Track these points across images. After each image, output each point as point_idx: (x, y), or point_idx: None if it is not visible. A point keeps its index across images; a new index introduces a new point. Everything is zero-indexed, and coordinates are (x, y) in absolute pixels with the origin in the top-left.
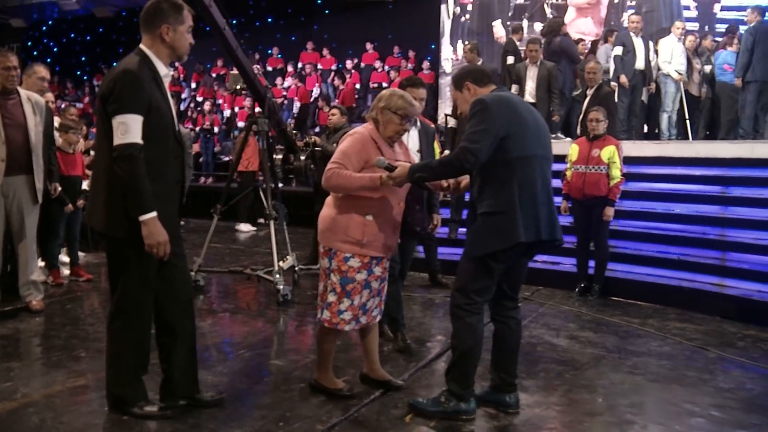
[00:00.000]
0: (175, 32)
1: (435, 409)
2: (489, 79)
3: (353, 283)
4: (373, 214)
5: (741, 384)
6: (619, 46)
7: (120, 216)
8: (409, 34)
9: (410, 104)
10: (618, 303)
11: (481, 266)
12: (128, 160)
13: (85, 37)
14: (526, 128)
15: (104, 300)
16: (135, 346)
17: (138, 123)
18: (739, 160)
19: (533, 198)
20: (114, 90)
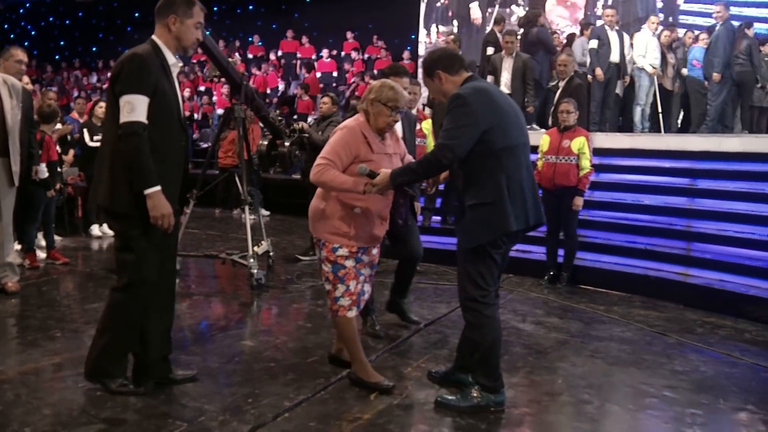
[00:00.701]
0: (182, 24)
1: (468, 404)
2: (460, 65)
3: (345, 269)
4: (361, 207)
5: (695, 367)
6: (594, 40)
7: (123, 193)
8: (390, 23)
9: (401, 95)
10: (586, 291)
11: (483, 255)
12: (133, 137)
13: (64, 21)
14: (507, 118)
15: (80, 283)
16: (129, 323)
17: (143, 104)
18: (707, 153)
19: (520, 186)
20: (122, 72)
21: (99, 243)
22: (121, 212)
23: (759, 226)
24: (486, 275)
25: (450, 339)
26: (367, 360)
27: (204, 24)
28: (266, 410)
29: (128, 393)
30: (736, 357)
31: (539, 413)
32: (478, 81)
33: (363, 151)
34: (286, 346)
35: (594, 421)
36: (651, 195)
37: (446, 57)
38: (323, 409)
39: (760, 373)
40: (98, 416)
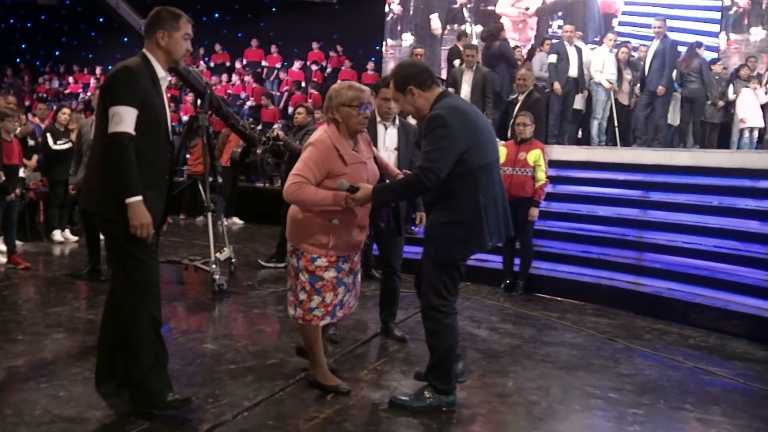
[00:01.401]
0: (170, 38)
1: (420, 404)
2: (432, 80)
3: (322, 281)
4: (339, 218)
5: (640, 370)
6: (553, 54)
7: (113, 198)
8: (355, 34)
9: (361, 91)
10: (541, 299)
11: (451, 268)
12: (118, 147)
13: (26, 24)
14: (482, 137)
15: (41, 287)
16: (150, 331)
17: (131, 115)
18: (659, 166)
19: (494, 203)
20: (111, 83)
21: (61, 248)
22: (112, 218)
23: (706, 237)
24: (450, 286)
25: (407, 345)
26: (326, 365)
27: (192, 34)
28: (226, 409)
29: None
30: (679, 361)
31: (489, 413)
32: (452, 98)
33: (337, 165)
34: (246, 349)
35: (540, 420)
36: (605, 206)
37: (418, 72)
38: (281, 408)
39: (699, 375)
40: (61, 416)
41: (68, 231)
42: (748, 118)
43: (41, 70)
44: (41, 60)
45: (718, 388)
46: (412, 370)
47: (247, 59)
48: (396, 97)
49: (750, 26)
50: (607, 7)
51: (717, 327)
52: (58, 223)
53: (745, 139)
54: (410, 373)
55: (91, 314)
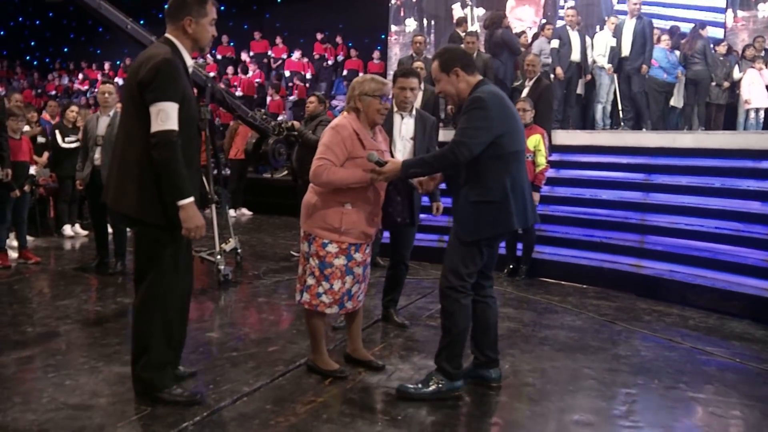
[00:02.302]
0: (197, 24)
1: (429, 390)
2: (475, 68)
3: (331, 268)
4: (352, 203)
5: (637, 351)
6: (555, 39)
7: (155, 202)
8: (360, 23)
9: (383, 83)
10: (543, 283)
11: (475, 250)
12: (168, 146)
13: (35, 22)
14: (516, 125)
15: (52, 281)
16: (164, 331)
17: (175, 111)
18: (662, 149)
19: (522, 188)
20: (155, 78)
21: (71, 243)
22: (152, 222)
23: (708, 218)
24: (471, 267)
25: (406, 331)
26: (326, 351)
27: (216, 18)
28: (226, 395)
29: (182, 402)
30: (677, 342)
31: (483, 395)
32: (492, 86)
33: (356, 149)
34: (248, 337)
35: (533, 401)
36: (608, 190)
37: (465, 57)
38: (280, 393)
39: (696, 355)
40: (66, 403)
41: (78, 226)
42: (753, 99)
43: (50, 67)
44: (50, 57)
45: (713, 367)
46: (410, 354)
47: (253, 51)
48: (438, 78)
49: (758, 2)
50: None
51: (717, 308)
52: (67, 219)
53: (751, 119)
54: (408, 358)
55: (98, 306)
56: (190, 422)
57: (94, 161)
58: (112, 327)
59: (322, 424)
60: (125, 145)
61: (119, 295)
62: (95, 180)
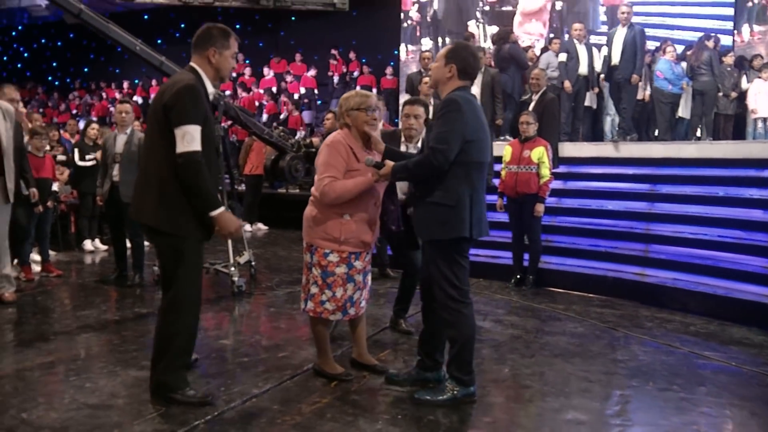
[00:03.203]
0: (220, 56)
1: (445, 398)
2: (470, 76)
3: (333, 276)
4: (350, 214)
5: (635, 356)
6: (563, 53)
7: (173, 213)
8: (373, 40)
9: (367, 96)
10: (549, 292)
11: (454, 255)
12: (193, 166)
13: (56, 43)
14: (485, 136)
15: (73, 293)
16: (186, 336)
17: (198, 132)
18: (667, 159)
19: (480, 199)
20: (179, 102)
21: (91, 257)
22: (168, 232)
23: (711, 227)
24: (460, 275)
25: (411, 337)
26: (331, 355)
27: (238, 52)
28: (236, 396)
29: (195, 403)
30: (675, 347)
31: (482, 397)
32: (470, 93)
33: (352, 162)
34: (259, 344)
35: (529, 402)
36: (614, 201)
37: (470, 63)
38: (287, 395)
39: (692, 359)
40: (86, 403)
41: (98, 240)
42: (759, 109)
43: (71, 87)
44: (71, 77)
45: (709, 370)
46: (413, 360)
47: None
48: (439, 59)
49: None
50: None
51: (718, 314)
52: (88, 233)
53: (758, 129)
54: (412, 363)
55: (116, 316)
56: (201, 421)
57: (112, 178)
58: (130, 335)
59: (325, 422)
60: (147, 161)
61: (137, 306)
62: (114, 196)
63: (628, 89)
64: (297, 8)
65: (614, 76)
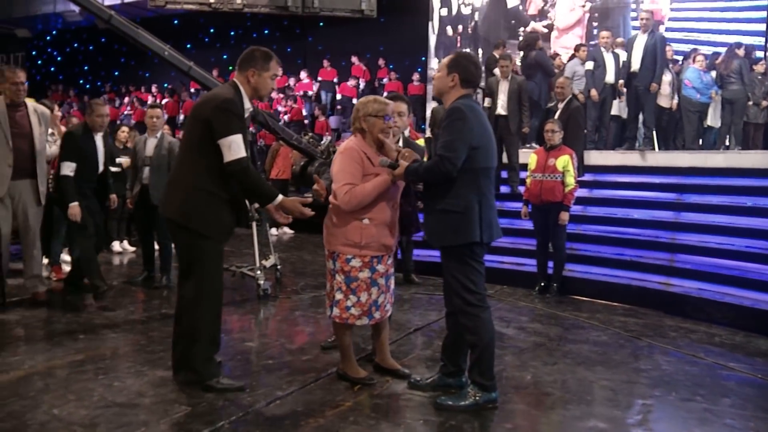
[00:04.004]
0: (260, 77)
1: (467, 403)
2: (472, 85)
3: (357, 282)
4: (369, 218)
5: (658, 365)
6: (590, 61)
7: (197, 213)
8: (401, 46)
9: (385, 104)
10: (573, 300)
11: (465, 261)
12: (245, 171)
13: (88, 47)
14: (490, 142)
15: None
16: (213, 326)
17: (241, 140)
18: (694, 169)
19: (489, 204)
20: (221, 116)
21: (119, 258)
22: (191, 228)
23: (738, 237)
24: (476, 279)
25: (434, 343)
26: (354, 359)
27: (279, 75)
28: (260, 398)
29: (231, 390)
30: (700, 357)
31: (503, 403)
32: (473, 101)
33: (367, 167)
34: (284, 347)
35: (550, 409)
36: (640, 209)
37: (472, 72)
38: (310, 398)
39: (716, 370)
40: (114, 401)
41: (126, 242)
42: None
43: (101, 90)
44: (102, 80)
45: (733, 382)
46: (436, 365)
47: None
48: (441, 68)
49: None
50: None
51: (744, 325)
52: (117, 235)
53: None
54: (434, 368)
55: (144, 316)
56: (226, 421)
57: (143, 180)
58: (156, 336)
59: (348, 425)
60: (180, 164)
61: (164, 307)
62: (144, 198)
63: (648, 97)
64: (325, 14)
65: (633, 84)
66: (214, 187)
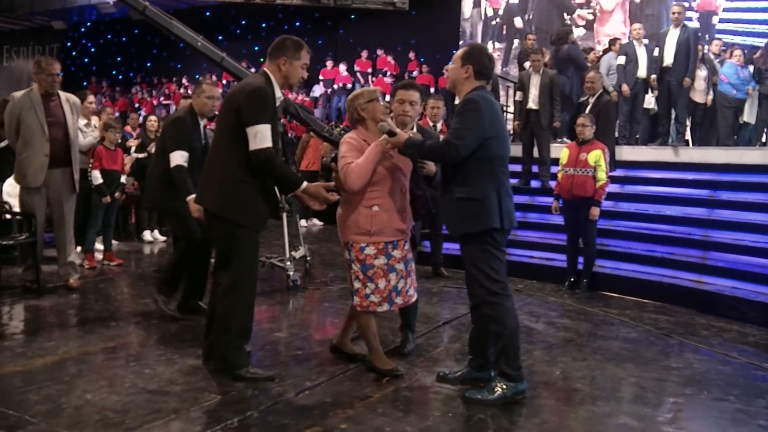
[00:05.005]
0: (291, 65)
1: (495, 396)
2: (485, 76)
3: (373, 269)
4: (378, 205)
5: (689, 364)
6: (622, 56)
7: (233, 203)
8: (432, 39)
9: (375, 90)
10: (603, 296)
11: (490, 248)
12: (270, 160)
13: (121, 39)
14: (504, 132)
15: (132, 281)
16: (245, 316)
17: (269, 130)
18: (728, 165)
19: (507, 191)
20: (250, 104)
21: (150, 247)
22: (226, 217)
23: None
24: (497, 268)
25: (463, 336)
26: (381, 350)
27: (308, 64)
28: (289, 388)
29: (260, 379)
30: (733, 357)
31: (532, 398)
32: (487, 91)
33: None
34: (313, 338)
35: (579, 405)
36: (672, 206)
37: (486, 64)
38: (339, 389)
39: (750, 370)
40: (146, 389)
41: (156, 231)
42: None
43: (134, 81)
44: (134, 71)
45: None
46: (465, 358)
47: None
48: (455, 60)
49: None
50: (706, 4)
51: None
52: (147, 224)
53: None
54: (463, 362)
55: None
56: (255, 410)
57: None
58: (187, 324)
59: (376, 417)
60: (214, 156)
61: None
62: None
63: (681, 92)
64: (357, 6)
65: (665, 79)
66: (249, 177)
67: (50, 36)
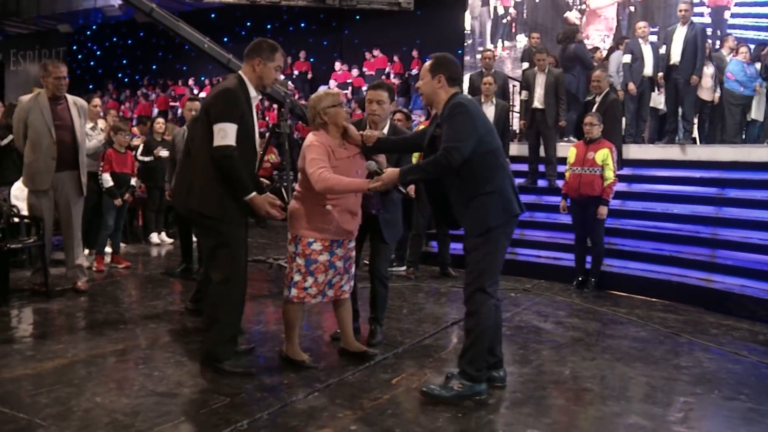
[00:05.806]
0: (264, 66)
1: (451, 394)
2: (457, 83)
3: (316, 264)
4: (332, 204)
5: (699, 363)
6: (627, 54)
7: (217, 200)
8: (437, 39)
9: (337, 93)
10: (611, 295)
11: (494, 244)
12: (228, 158)
13: (127, 41)
14: (491, 126)
15: (140, 284)
16: (233, 311)
17: (233, 130)
18: (736, 163)
19: (511, 179)
20: (216, 103)
21: (157, 249)
22: (212, 215)
23: None
24: (497, 269)
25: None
26: (297, 342)
27: (283, 67)
28: (299, 390)
29: (239, 373)
30: (743, 355)
31: (541, 398)
32: (465, 95)
33: (331, 159)
34: (321, 339)
35: (589, 405)
36: (680, 204)
37: (455, 70)
38: (349, 390)
39: (761, 369)
40: (155, 391)
41: (164, 234)
42: None
43: (140, 84)
44: (140, 74)
45: None
46: None
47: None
48: (423, 76)
49: None
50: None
51: None
52: (154, 227)
53: None
54: None
55: (182, 308)
56: (265, 412)
57: None
58: (195, 327)
59: (387, 418)
60: (195, 154)
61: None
62: None
63: (688, 90)
64: (362, 7)
65: (672, 76)
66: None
67: (56, 39)
